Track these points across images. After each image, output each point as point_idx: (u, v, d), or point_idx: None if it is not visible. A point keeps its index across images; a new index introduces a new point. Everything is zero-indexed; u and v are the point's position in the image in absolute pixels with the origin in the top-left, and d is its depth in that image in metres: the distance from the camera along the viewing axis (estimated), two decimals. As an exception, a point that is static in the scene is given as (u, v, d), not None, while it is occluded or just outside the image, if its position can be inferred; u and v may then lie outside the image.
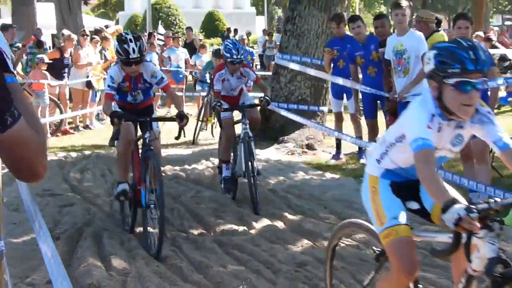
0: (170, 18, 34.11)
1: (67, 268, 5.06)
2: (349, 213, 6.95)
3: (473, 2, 28.80)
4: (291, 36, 11.87)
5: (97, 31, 16.56)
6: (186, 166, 9.79)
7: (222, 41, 21.46)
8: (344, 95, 10.32)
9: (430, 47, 8.09)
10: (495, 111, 12.43)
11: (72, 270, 5.28)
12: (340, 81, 9.78)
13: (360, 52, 9.37)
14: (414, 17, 8.93)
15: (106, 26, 18.32)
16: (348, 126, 10.62)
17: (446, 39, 8.69)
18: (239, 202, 7.70)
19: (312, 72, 10.79)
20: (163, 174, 8.06)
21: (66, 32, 15.43)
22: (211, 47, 21.81)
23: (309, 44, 11.73)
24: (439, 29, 9.21)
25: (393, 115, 8.25)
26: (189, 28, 23.74)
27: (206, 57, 17.56)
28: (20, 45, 15.10)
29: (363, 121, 10.16)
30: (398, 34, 8.23)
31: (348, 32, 10.10)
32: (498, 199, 3.14)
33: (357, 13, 49.49)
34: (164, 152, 9.76)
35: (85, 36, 14.63)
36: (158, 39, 19.36)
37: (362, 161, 9.98)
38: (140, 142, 6.71)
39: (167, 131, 10.48)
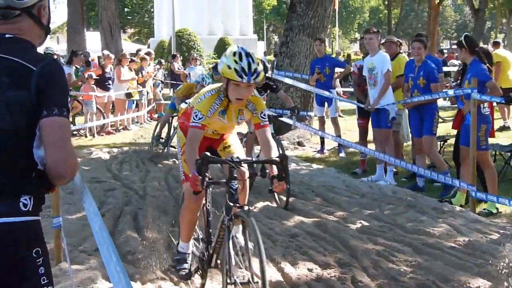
0: (190, 43, 33.94)
1: (110, 238, 5.06)
2: (331, 196, 6.95)
3: (428, 31, 28.79)
4: (285, 57, 11.82)
5: (148, 53, 16.59)
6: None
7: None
8: (326, 103, 10.33)
9: (395, 66, 8.12)
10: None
11: (114, 240, 5.24)
12: (326, 93, 9.81)
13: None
14: (382, 41, 8.85)
15: (138, 50, 18.21)
16: (329, 127, 10.59)
17: (407, 58, 8.65)
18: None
19: (302, 85, 10.75)
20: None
21: (105, 52, 15.40)
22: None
23: (299, 63, 11.69)
24: (401, 51, 9.16)
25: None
26: None
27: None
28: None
29: (341, 122, 10.07)
30: (371, 55, 8.17)
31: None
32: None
33: (336, 39, 49.43)
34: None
35: (126, 57, 14.60)
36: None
37: (341, 154, 10.04)
38: None
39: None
